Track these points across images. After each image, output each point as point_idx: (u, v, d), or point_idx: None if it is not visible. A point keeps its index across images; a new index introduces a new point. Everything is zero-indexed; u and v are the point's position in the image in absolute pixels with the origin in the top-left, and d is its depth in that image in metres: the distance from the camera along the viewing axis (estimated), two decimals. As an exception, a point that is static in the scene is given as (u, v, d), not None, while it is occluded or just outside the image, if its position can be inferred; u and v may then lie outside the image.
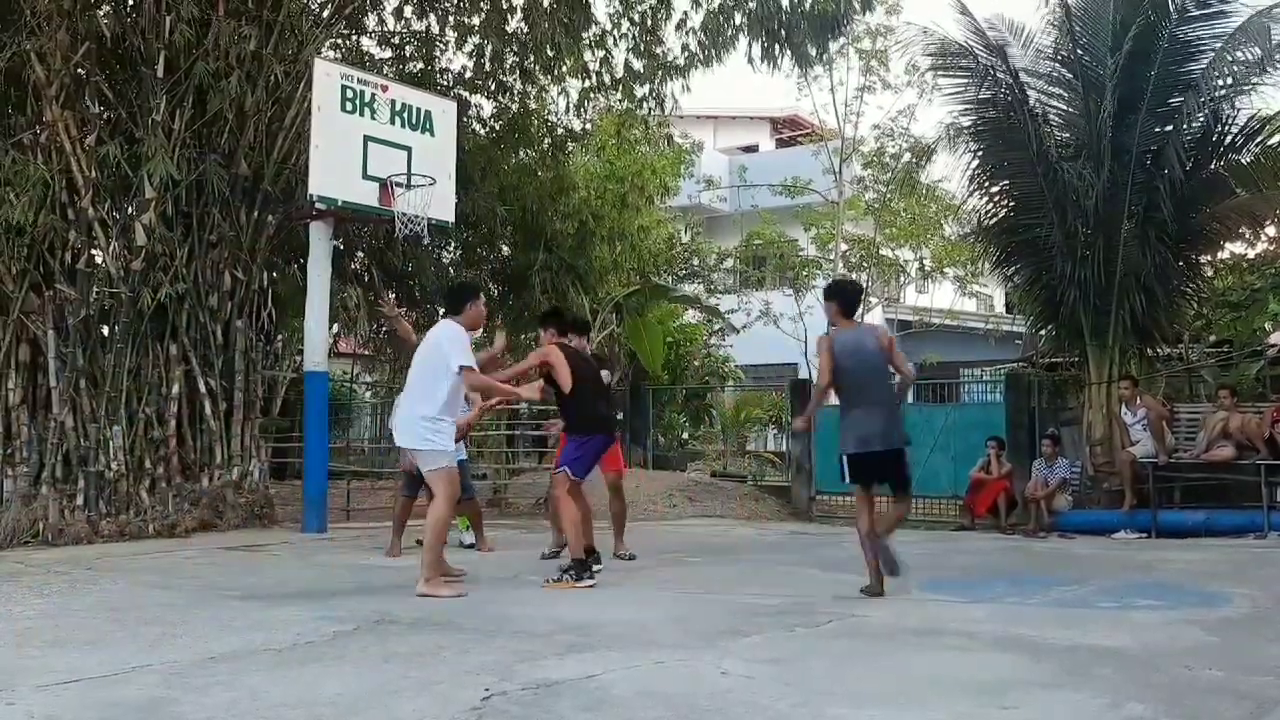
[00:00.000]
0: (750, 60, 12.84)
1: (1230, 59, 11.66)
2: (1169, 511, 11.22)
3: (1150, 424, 11.45)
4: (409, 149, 10.84)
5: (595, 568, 7.05)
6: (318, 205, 10.30)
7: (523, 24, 13.54)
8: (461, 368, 6.40)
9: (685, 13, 13.48)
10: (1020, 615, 5.84)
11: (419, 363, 6.63)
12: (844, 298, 6.82)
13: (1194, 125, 12.03)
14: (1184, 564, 8.49)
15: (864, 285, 7.78)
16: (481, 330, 8.02)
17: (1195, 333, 14.45)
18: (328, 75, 10.45)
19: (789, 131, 30.64)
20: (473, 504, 9.03)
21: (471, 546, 9.07)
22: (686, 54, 13.59)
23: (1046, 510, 11.70)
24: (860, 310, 7.12)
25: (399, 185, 10.62)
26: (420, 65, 14.51)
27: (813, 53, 13.26)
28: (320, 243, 10.65)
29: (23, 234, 9.89)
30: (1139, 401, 11.68)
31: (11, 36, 9.88)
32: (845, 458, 6.59)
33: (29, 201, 9.57)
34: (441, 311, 7.88)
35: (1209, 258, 13.88)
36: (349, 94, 10.48)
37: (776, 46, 12.64)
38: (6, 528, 9.25)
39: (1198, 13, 11.83)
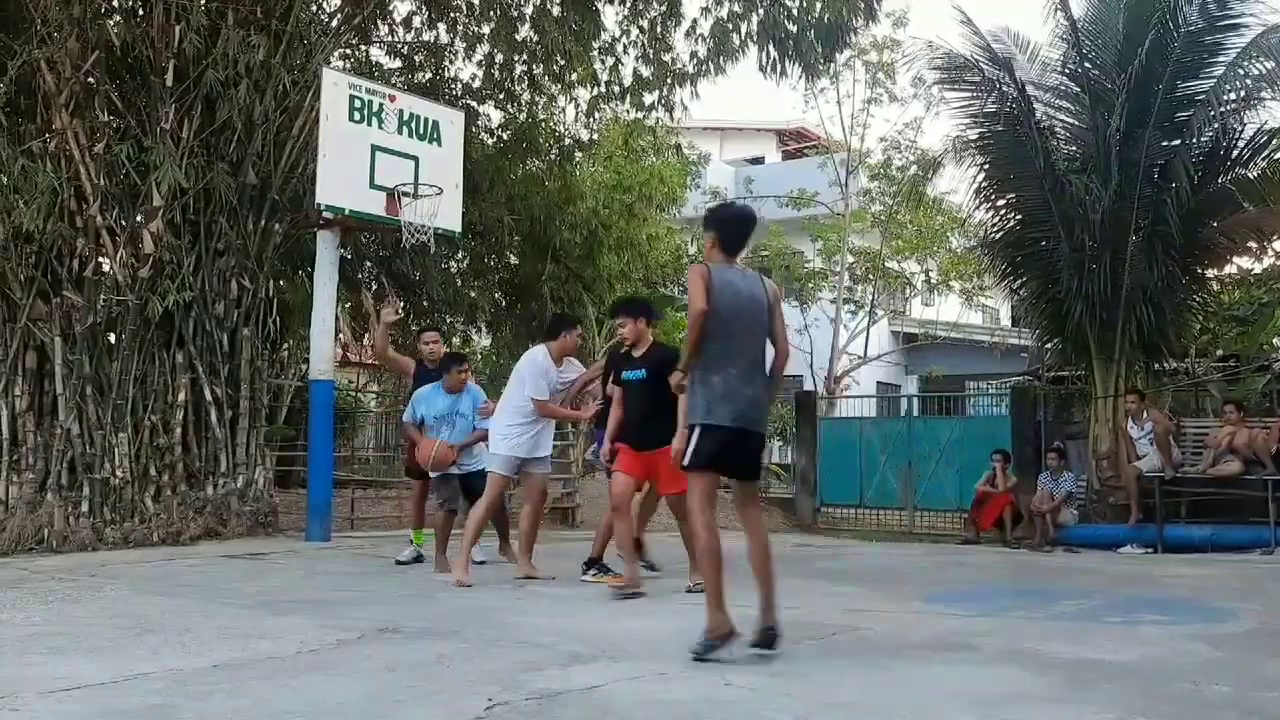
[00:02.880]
0: (761, 69, 12.86)
1: (1239, 74, 11.66)
2: (1175, 526, 11.20)
3: (1156, 438, 11.43)
4: (416, 158, 10.87)
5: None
6: (324, 214, 10.33)
7: (532, 32, 13.59)
8: (534, 400, 7.42)
9: (694, 20, 13.54)
10: (1024, 629, 5.82)
11: (510, 382, 7.72)
12: (725, 227, 5.08)
13: (1202, 140, 12.03)
14: (1190, 579, 8.46)
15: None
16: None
17: (1202, 347, 14.42)
18: (335, 85, 10.49)
19: (795, 143, 30.71)
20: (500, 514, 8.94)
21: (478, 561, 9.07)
22: (695, 61, 13.63)
23: (1052, 524, 11.67)
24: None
25: (406, 194, 10.65)
26: (429, 75, 14.56)
27: (820, 64, 13.27)
28: (327, 251, 10.68)
29: (31, 241, 9.93)
30: (1145, 415, 11.66)
31: (22, 45, 9.91)
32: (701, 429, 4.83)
33: (38, 209, 9.60)
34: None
35: (1216, 272, 13.87)
36: (357, 103, 10.51)
37: (785, 56, 12.66)
38: (11, 534, 9.25)
39: (1206, 27, 11.84)
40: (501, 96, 14.96)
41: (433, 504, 8.71)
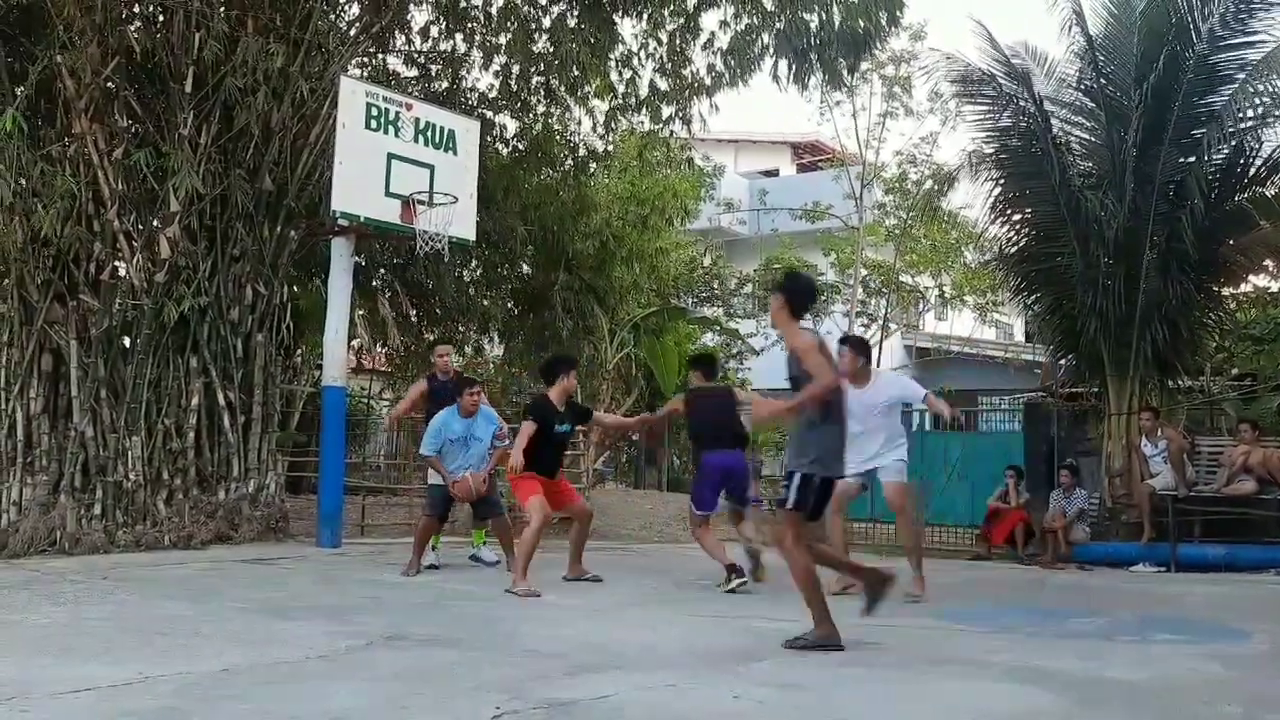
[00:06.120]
0: (776, 79, 12.82)
1: (1255, 91, 11.61)
2: (1188, 545, 11.11)
3: (1170, 456, 11.36)
4: (432, 167, 10.91)
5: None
6: (340, 221, 10.37)
7: (549, 44, 13.62)
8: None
9: (712, 32, 13.54)
10: (1036, 646, 5.79)
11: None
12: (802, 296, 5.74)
13: (1218, 157, 11.98)
14: (1203, 598, 8.41)
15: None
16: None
17: (1217, 365, 14.35)
18: (353, 93, 10.53)
19: (810, 156, 30.73)
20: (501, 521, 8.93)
21: (492, 563, 9.13)
22: (713, 74, 13.63)
23: (1064, 541, 11.60)
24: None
25: (421, 203, 10.69)
26: (445, 84, 14.61)
27: (844, 72, 13.23)
28: (341, 258, 10.72)
29: (49, 245, 9.99)
30: (1159, 433, 11.60)
31: (43, 50, 10.00)
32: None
33: (56, 213, 9.65)
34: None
35: (1231, 290, 13.80)
36: (374, 112, 10.56)
37: (805, 66, 12.65)
38: (24, 535, 9.29)
39: (1223, 44, 11.80)
40: (517, 107, 15.00)
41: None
